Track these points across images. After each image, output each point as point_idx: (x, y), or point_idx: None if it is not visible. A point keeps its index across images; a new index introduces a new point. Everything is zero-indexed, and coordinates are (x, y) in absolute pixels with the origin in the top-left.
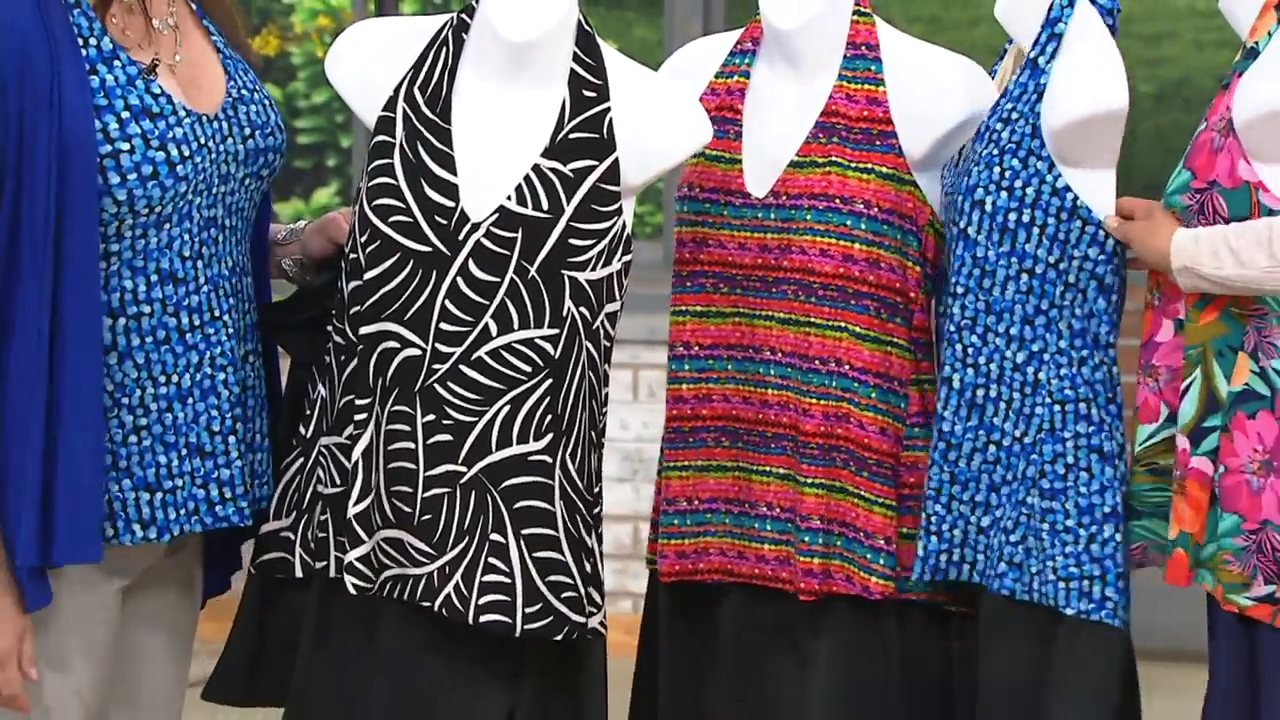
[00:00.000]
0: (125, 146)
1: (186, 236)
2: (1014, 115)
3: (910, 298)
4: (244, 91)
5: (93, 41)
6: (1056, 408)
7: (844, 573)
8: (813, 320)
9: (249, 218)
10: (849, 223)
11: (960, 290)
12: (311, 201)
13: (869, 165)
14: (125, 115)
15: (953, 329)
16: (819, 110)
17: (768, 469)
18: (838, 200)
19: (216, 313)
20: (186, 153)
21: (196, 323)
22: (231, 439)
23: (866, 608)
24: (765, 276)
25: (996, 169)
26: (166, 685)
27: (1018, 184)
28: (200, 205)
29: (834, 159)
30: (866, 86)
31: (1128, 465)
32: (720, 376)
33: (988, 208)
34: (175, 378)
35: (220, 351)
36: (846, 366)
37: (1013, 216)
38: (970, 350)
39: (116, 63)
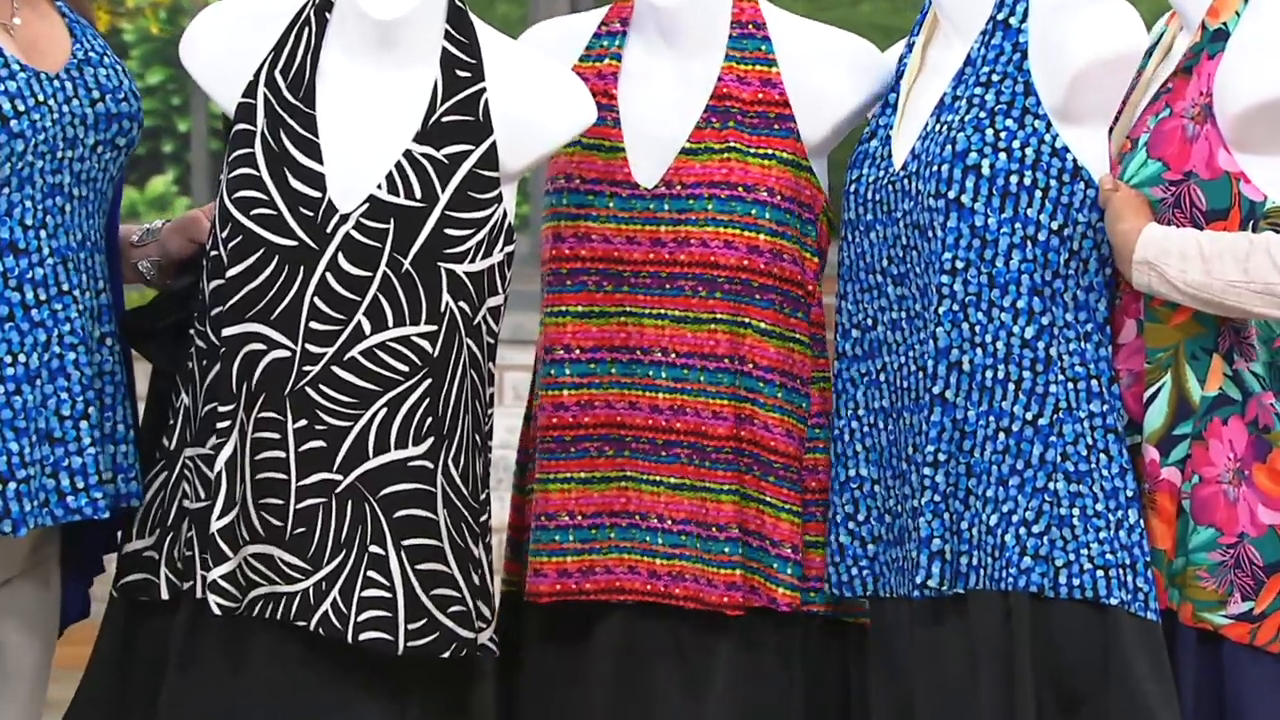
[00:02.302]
0: None
1: (29, 204)
2: (995, 77)
3: (809, 290)
4: (92, 54)
5: None
6: (1070, 385)
7: (748, 584)
8: (717, 316)
9: (103, 191)
10: (753, 212)
11: (960, 265)
12: (146, 190)
13: (769, 150)
14: None
15: (955, 308)
16: (709, 93)
17: (659, 478)
18: (740, 189)
19: (65, 287)
20: (21, 108)
21: (43, 297)
22: (84, 424)
23: (768, 621)
24: (658, 272)
25: (989, 130)
26: (29, 675)
27: (1015, 144)
28: (43, 170)
29: (732, 144)
30: (759, 67)
31: None
32: (604, 381)
33: (985, 171)
34: (22, 357)
35: (70, 329)
36: (750, 365)
37: (1014, 179)
38: (978, 329)
39: None
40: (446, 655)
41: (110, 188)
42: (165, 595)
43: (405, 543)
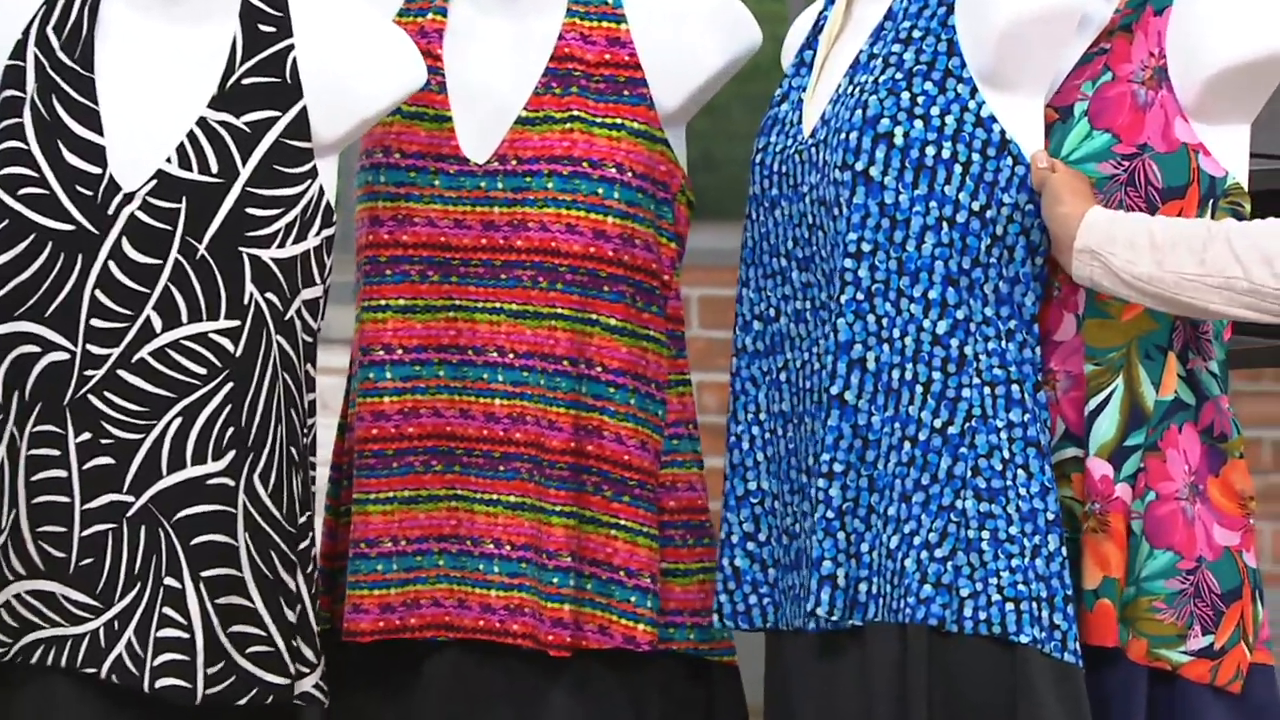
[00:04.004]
0: None
1: None
2: (916, 34)
3: (665, 281)
4: None
5: None
6: (986, 390)
7: (596, 623)
8: (558, 311)
9: None
10: (599, 191)
11: (867, 248)
12: None
13: (618, 120)
14: None
15: (860, 297)
16: (548, 53)
17: (495, 497)
18: (585, 164)
19: None
20: None
21: None
22: None
23: (620, 663)
24: (491, 260)
25: (905, 94)
26: None
27: (934, 111)
28: None
29: (575, 113)
30: (605, 24)
31: None
32: (430, 385)
33: (898, 140)
34: None
35: None
36: (599, 368)
37: (930, 151)
38: (884, 321)
39: None
40: (244, 703)
41: None
42: None
43: (204, 574)
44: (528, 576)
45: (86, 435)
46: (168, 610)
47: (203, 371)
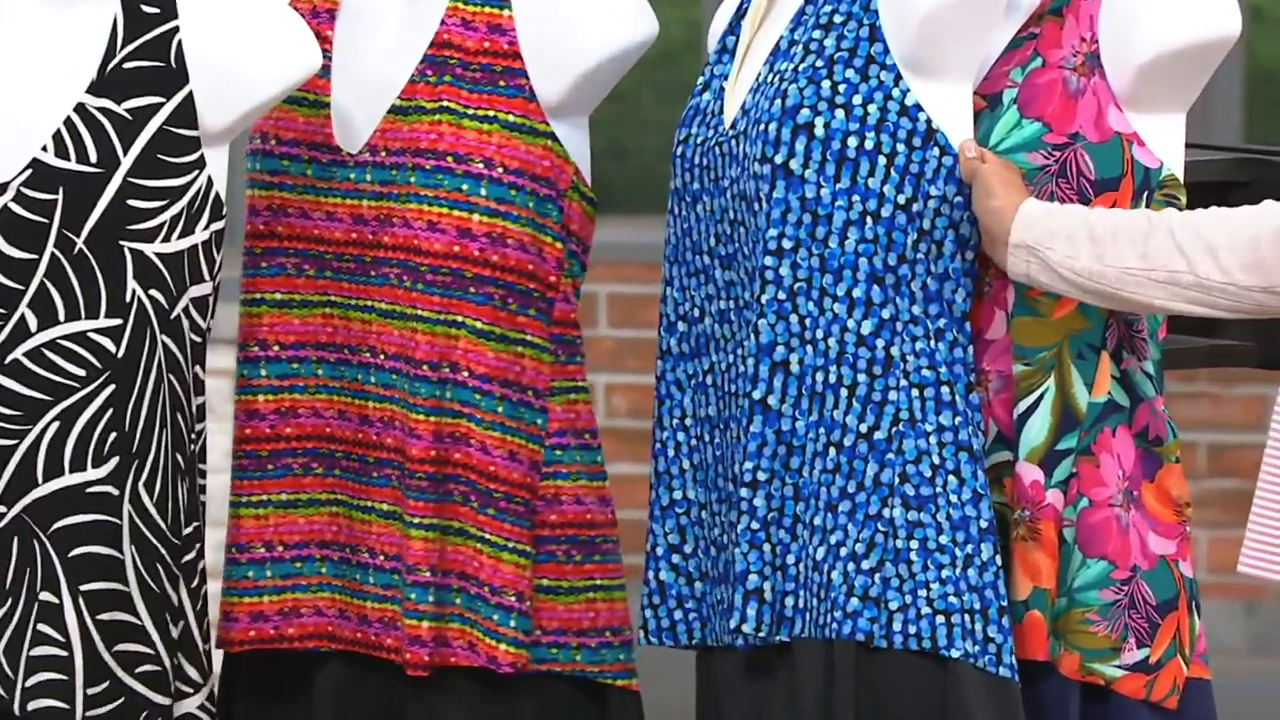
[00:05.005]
0: None
1: None
2: (838, 18)
3: (550, 284)
4: None
5: None
6: (915, 392)
7: (465, 639)
8: (419, 313)
9: None
10: (465, 187)
11: (789, 245)
12: None
13: (491, 112)
14: None
15: (782, 297)
16: (429, 39)
17: (369, 504)
18: (450, 158)
19: None
20: None
21: None
22: None
23: (499, 683)
24: (362, 256)
25: (826, 83)
26: None
27: (856, 100)
28: None
29: (445, 104)
30: (489, 9)
31: None
32: (309, 384)
33: (818, 131)
34: None
35: None
36: (465, 373)
37: (852, 142)
38: (808, 322)
39: None
40: None
41: None
42: None
43: (84, 588)
44: (398, 589)
45: None
46: (43, 627)
47: (81, 373)
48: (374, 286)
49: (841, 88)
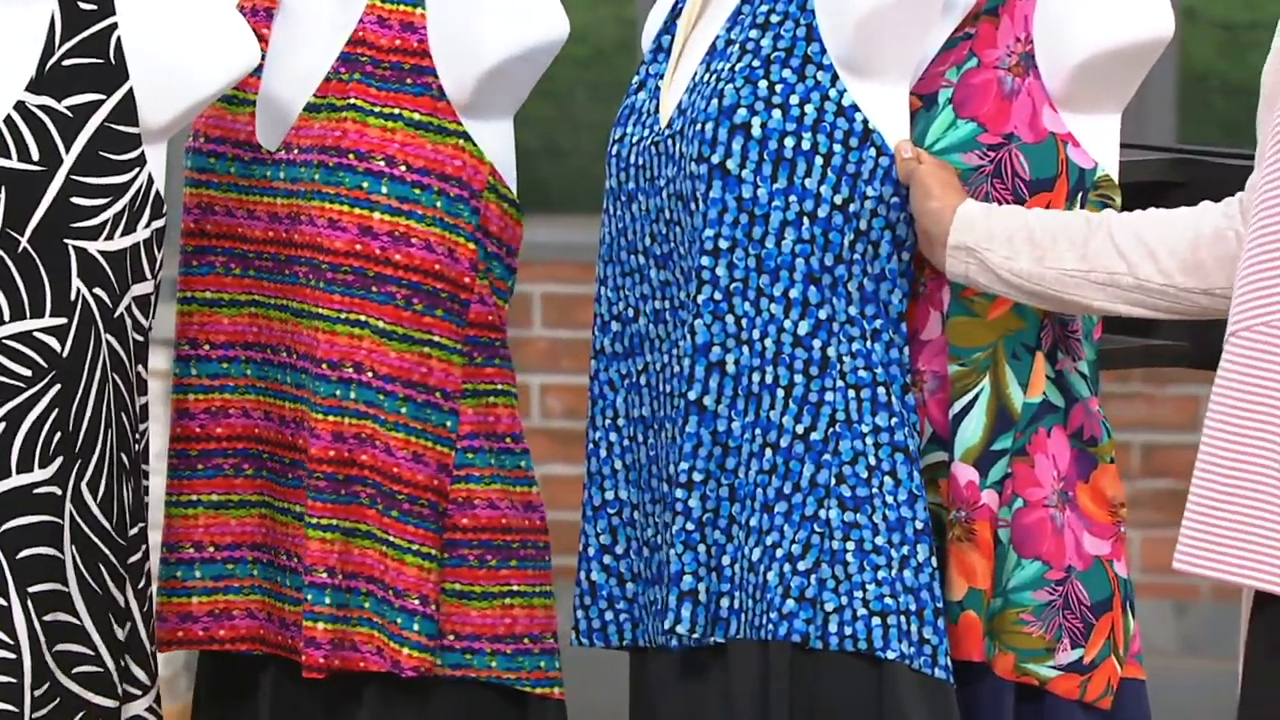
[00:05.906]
0: None
1: None
2: (774, 18)
3: (463, 284)
4: None
5: None
6: (851, 393)
7: (373, 643)
8: (321, 312)
9: None
10: (365, 184)
11: (725, 245)
12: None
13: (396, 110)
14: None
15: (718, 297)
16: (347, 36)
17: (287, 506)
18: (351, 156)
19: None
20: None
21: None
22: None
23: (409, 689)
24: (277, 255)
25: (763, 83)
26: None
27: (793, 100)
28: None
29: (353, 101)
30: (404, 7)
31: None
32: (239, 384)
33: (755, 131)
34: None
35: None
36: (369, 373)
37: (789, 142)
38: (744, 322)
39: None
40: None
41: None
42: None
43: (31, 590)
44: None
45: None
46: None
47: (27, 373)
48: (288, 285)
49: (778, 88)
